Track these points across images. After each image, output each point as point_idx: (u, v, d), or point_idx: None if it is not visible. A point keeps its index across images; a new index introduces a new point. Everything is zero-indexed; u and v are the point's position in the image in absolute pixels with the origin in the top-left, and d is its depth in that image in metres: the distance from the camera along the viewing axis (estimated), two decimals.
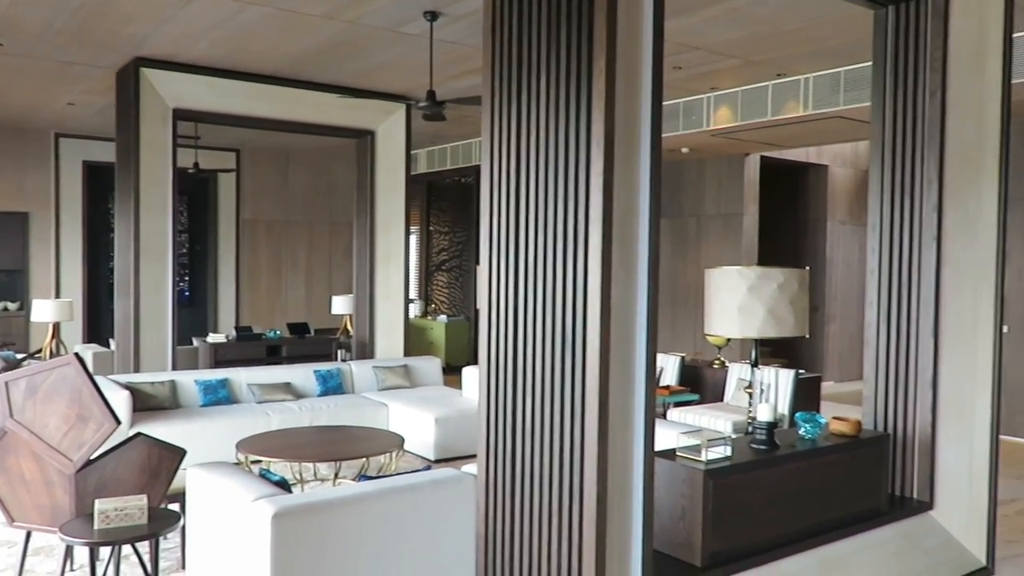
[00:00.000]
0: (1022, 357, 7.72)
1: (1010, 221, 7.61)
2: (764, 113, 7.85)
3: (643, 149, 2.89)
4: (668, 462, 3.37)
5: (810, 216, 11.19)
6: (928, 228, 4.14)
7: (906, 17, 4.22)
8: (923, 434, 4.16)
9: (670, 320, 10.98)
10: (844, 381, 10.79)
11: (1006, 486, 6.02)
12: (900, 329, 4.26)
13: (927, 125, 4.13)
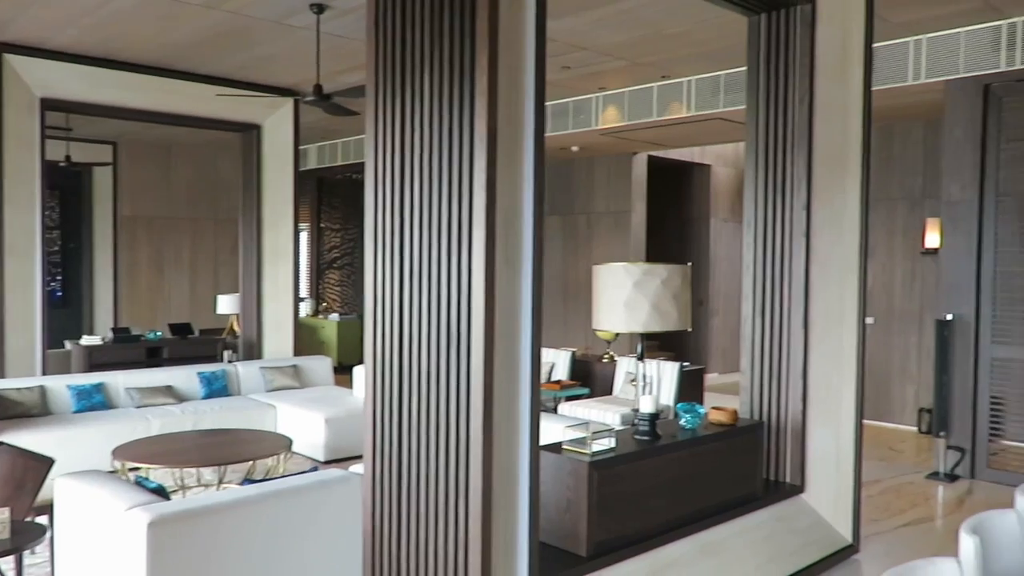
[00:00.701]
0: (885, 346, 8.23)
1: (873, 219, 8.13)
2: (650, 114, 8.08)
3: (527, 146, 2.92)
4: (554, 455, 3.42)
5: (695, 214, 11.58)
6: (798, 225, 4.36)
7: (777, 25, 4.42)
8: (795, 421, 4.38)
9: (562, 315, 11.15)
10: (727, 372, 11.23)
11: (870, 468, 6.41)
12: (774, 322, 4.48)
13: (797, 128, 4.35)
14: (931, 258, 7.78)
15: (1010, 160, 6.09)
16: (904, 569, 2.11)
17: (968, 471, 6.22)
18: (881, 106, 7.09)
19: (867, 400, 8.23)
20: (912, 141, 8.11)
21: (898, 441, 7.56)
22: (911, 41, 6.31)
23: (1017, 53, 5.83)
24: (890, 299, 8.23)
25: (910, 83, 6.36)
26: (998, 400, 6.18)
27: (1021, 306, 6.06)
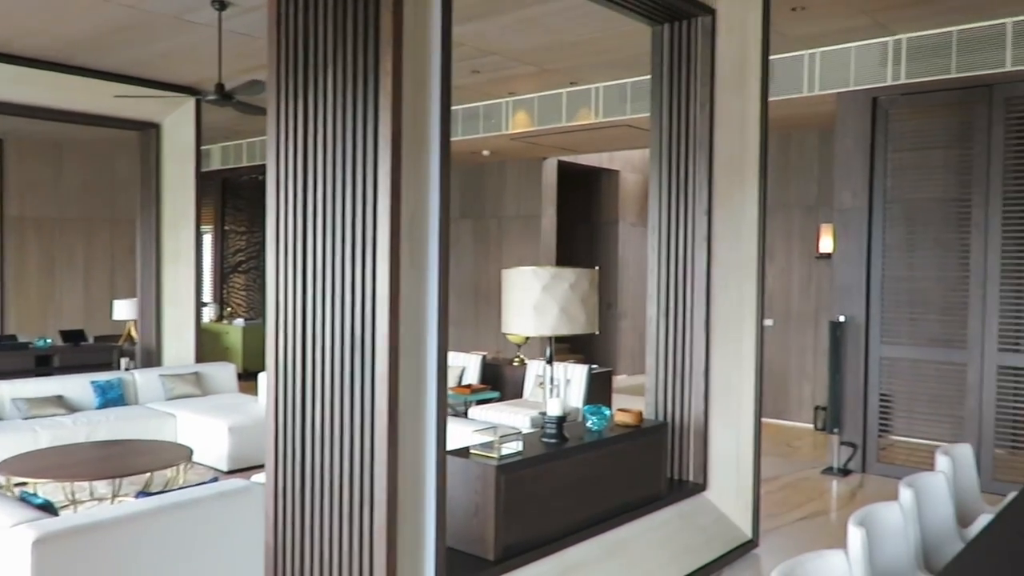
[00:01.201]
0: (784, 347, 8.55)
1: (772, 224, 8.42)
2: (559, 119, 8.17)
3: (432, 149, 2.91)
4: (462, 460, 3.42)
5: (604, 218, 11.77)
6: (700, 230, 4.48)
7: (680, 35, 4.54)
8: (698, 421, 4.50)
9: (473, 319, 11.15)
10: (636, 374, 11.45)
11: (769, 465, 6.64)
12: (677, 324, 4.59)
13: (698, 136, 4.48)
14: (825, 262, 8.12)
15: (896, 169, 6.42)
16: (795, 563, 2.19)
17: (860, 465, 6.52)
18: (779, 116, 7.37)
19: (767, 399, 8.54)
20: (808, 150, 8.45)
21: (796, 438, 7.86)
22: (806, 54, 6.58)
23: (902, 68, 6.16)
24: (788, 301, 8.55)
25: (805, 94, 6.63)
26: (887, 397, 6.50)
27: (907, 308, 6.39)
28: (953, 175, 6.19)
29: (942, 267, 6.24)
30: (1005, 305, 5.94)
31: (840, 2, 5.39)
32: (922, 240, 6.34)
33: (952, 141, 6.19)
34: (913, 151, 6.38)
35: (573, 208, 11.89)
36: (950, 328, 6.20)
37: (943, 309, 6.24)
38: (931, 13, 5.62)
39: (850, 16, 5.68)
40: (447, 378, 3.01)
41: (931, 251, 6.30)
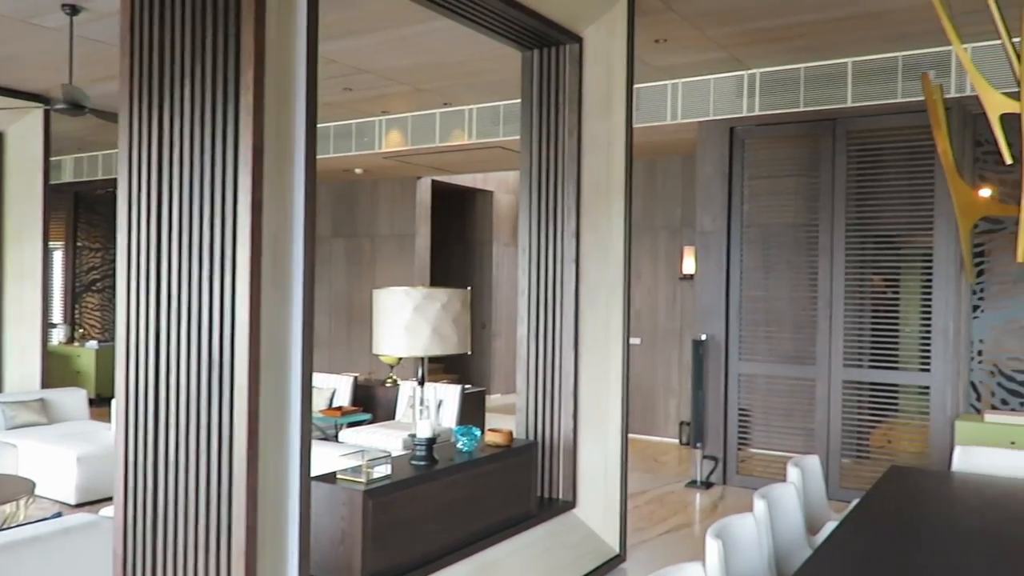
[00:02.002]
0: (650, 364, 8.84)
1: (639, 246, 8.71)
2: (433, 139, 8.18)
3: (297, 166, 2.84)
4: (328, 485, 3.33)
5: (478, 238, 11.85)
6: (569, 251, 4.58)
7: (549, 61, 4.65)
8: (567, 439, 4.57)
9: (346, 339, 10.94)
10: (510, 393, 11.54)
11: (637, 480, 6.83)
12: (547, 343, 4.66)
13: (567, 159, 4.59)
14: (689, 283, 8.47)
15: (752, 195, 6.79)
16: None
17: (721, 478, 6.80)
18: (645, 142, 7.66)
19: (635, 415, 8.80)
20: (672, 175, 8.82)
21: (663, 453, 8.12)
22: (669, 84, 6.87)
23: (756, 100, 6.53)
24: (655, 320, 8.85)
25: (669, 122, 6.92)
26: (745, 412, 6.82)
27: (763, 326, 6.75)
28: (803, 201, 6.60)
29: (794, 288, 6.63)
30: (848, 323, 6.37)
31: (699, 37, 5.67)
32: (776, 262, 6.72)
33: (802, 170, 6.61)
34: (767, 178, 6.77)
35: (448, 228, 11.91)
36: (801, 345, 6.58)
37: (795, 327, 6.62)
38: (781, 51, 6.00)
39: (708, 50, 5.99)
40: (312, 401, 2.93)
41: (784, 273, 6.68)
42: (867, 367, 6.36)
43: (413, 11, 4.86)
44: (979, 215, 3.15)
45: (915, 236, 6.23)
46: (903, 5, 4.99)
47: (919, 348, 6.17)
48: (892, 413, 6.41)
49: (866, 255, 6.35)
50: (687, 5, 5.05)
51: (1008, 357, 5.85)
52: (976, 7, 4.41)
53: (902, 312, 6.37)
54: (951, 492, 3.81)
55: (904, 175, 6.16)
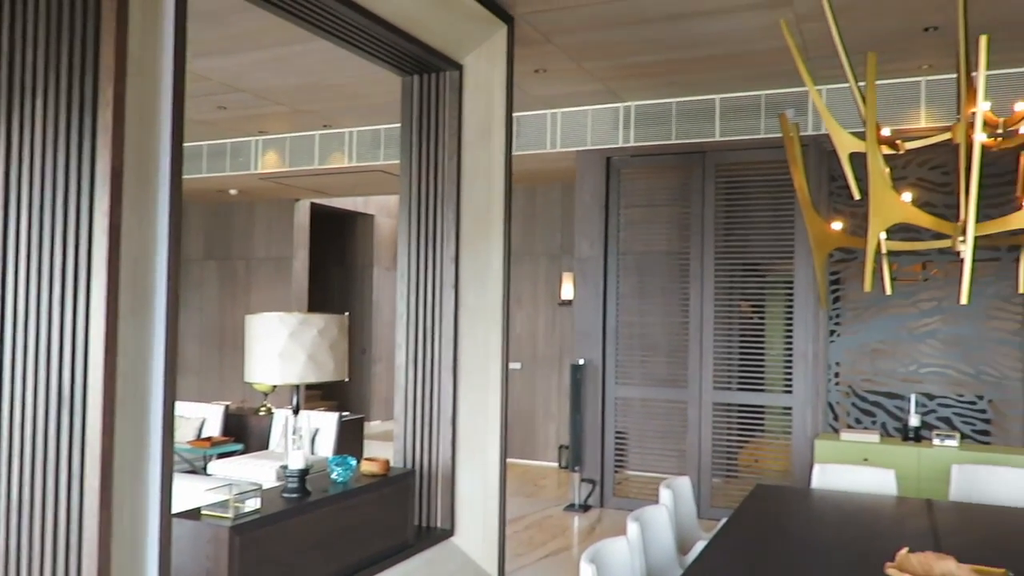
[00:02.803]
0: (530, 389, 8.92)
1: (520, 271, 8.80)
2: (312, 161, 8.03)
3: (161, 187, 2.71)
4: (192, 522, 3.16)
5: (358, 262, 11.68)
6: (448, 277, 4.57)
7: (429, 87, 4.66)
8: (445, 466, 4.53)
9: (217, 367, 10.51)
10: (390, 420, 11.37)
11: (516, 505, 6.85)
12: (426, 370, 4.62)
13: (446, 185, 4.59)
14: (567, 308, 8.62)
15: (628, 223, 7.00)
16: None
17: (599, 501, 6.90)
18: (526, 169, 7.78)
19: (515, 440, 8.84)
20: (552, 202, 8.98)
21: (542, 477, 8.18)
22: (548, 114, 7.02)
23: (632, 132, 6.76)
24: (535, 345, 8.95)
25: (548, 151, 7.06)
26: (622, 435, 6.97)
27: (638, 351, 6.94)
28: (675, 230, 6.85)
29: (667, 313, 6.85)
30: (718, 347, 6.64)
31: (577, 69, 5.82)
32: (651, 288, 6.93)
33: (674, 200, 6.87)
34: (642, 207, 7.00)
35: (327, 251, 11.69)
36: (674, 369, 6.80)
37: (668, 352, 6.84)
38: (654, 85, 6.24)
39: (586, 82, 6.16)
40: (175, 433, 2.78)
41: (658, 299, 6.90)
42: (735, 389, 6.63)
43: (290, 31, 4.78)
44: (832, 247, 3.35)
45: (778, 264, 6.58)
46: (764, 48, 5.30)
47: (783, 371, 6.49)
48: (758, 433, 6.70)
49: (734, 282, 6.66)
50: (565, 38, 5.18)
51: (861, 379, 6.24)
52: (829, 52, 4.74)
53: (767, 336, 6.70)
54: (811, 508, 4.01)
55: (768, 206, 6.51)
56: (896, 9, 4.63)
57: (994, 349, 5.90)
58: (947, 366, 6.01)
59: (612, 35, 5.12)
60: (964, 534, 3.52)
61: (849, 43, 3.80)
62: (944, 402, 6.02)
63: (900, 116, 5.97)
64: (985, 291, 5.90)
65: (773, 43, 5.16)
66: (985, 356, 5.92)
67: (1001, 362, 5.88)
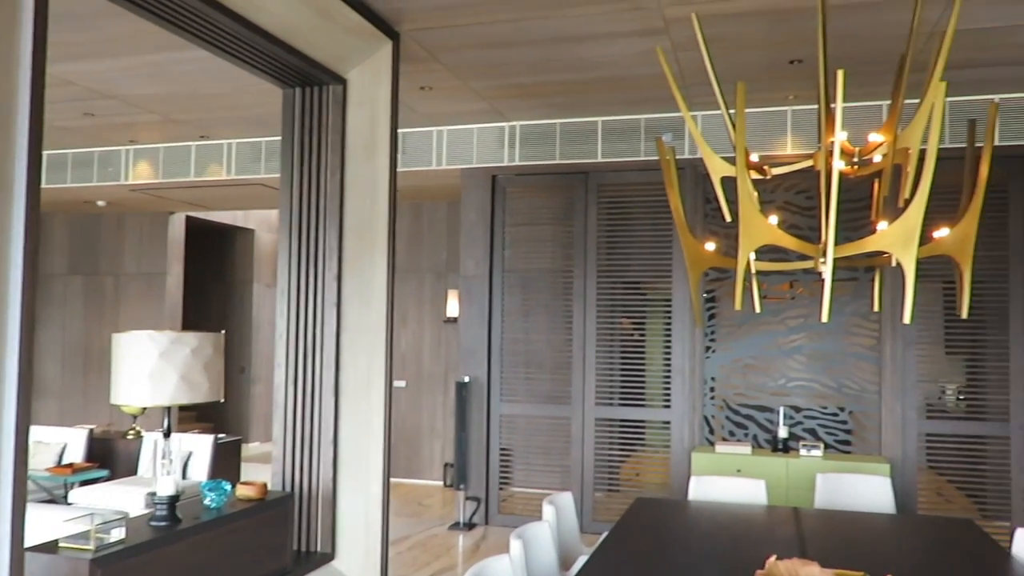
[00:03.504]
0: (415, 407, 8.84)
1: (405, 289, 8.73)
2: (188, 173, 7.72)
3: (17, 197, 2.53)
4: (48, 556, 2.95)
5: (238, 278, 11.29)
6: (330, 295, 4.48)
7: (311, 100, 4.57)
8: (325, 489, 4.42)
9: (81, 389, 9.91)
10: (269, 441, 11.00)
11: (401, 525, 6.76)
12: (306, 389, 4.50)
13: (329, 200, 4.51)
14: (453, 326, 8.61)
15: (513, 241, 7.07)
16: None
17: (484, 518, 6.89)
18: (412, 186, 7.75)
19: (400, 459, 8.73)
20: (438, 219, 8.97)
21: (427, 496, 8.10)
22: (434, 131, 7.02)
23: (516, 151, 6.84)
24: (420, 363, 8.89)
25: (434, 168, 7.05)
26: (507, 452, 7.00)
27: (523, 368, 6.99)
28: (559, 248, 6.97)
29: (551, 331, 6.95)
30: (600, 364, 6.77)
31: (462, 87, 5.85)
32: (535, 306, 7.01)
33: (558, 218, 6.99)
34: (527, 225, 7.08)
35: (204, 267, 11.25)
36: (558, 386, 6.90)
37: (552, 369, 6.93)
38: (538, 106, 6.35)
39: (471, 100, 6.19)
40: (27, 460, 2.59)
41: (542, 316, 6.99)
42: (617, 405, 6.78)
43: (165, 38, 4.60)
44: (706, 266, 3.49)
45: (658, 283, 6.79)
46: (644, 73, 5.48)
47: (662, 386, 6.69)
48: (639, 447, 6.87)
49: (616, 300, 6.82)
50: (451, 56, 5.20)
51: (734, 393, 6.51)
52: (704, 80, 4.95)
53: (647, 353, 6.89)
54: (687, 520, 4.13)
55: (647, 227, 6.72)
56: (764, 42, 4.90)
57: (854, 364, 6.28)
58: (812, 380, 6.35)
59: (497, 55, 5.18)
60: (827, 540, 3.71)
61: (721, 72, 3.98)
62: (810, 414, 6.35)
63: (769, 143, 6.30)
64: (845, 309, 6.28)
65: (652, 69, 5.35)
66: (846, 370, 6.29)
67: (860, 376, 6.26)
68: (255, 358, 11.10)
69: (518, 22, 4.61)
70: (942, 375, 6.26)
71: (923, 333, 6.16)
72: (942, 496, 6.14)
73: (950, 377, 6.31)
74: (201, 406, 10.12)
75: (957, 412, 6.26)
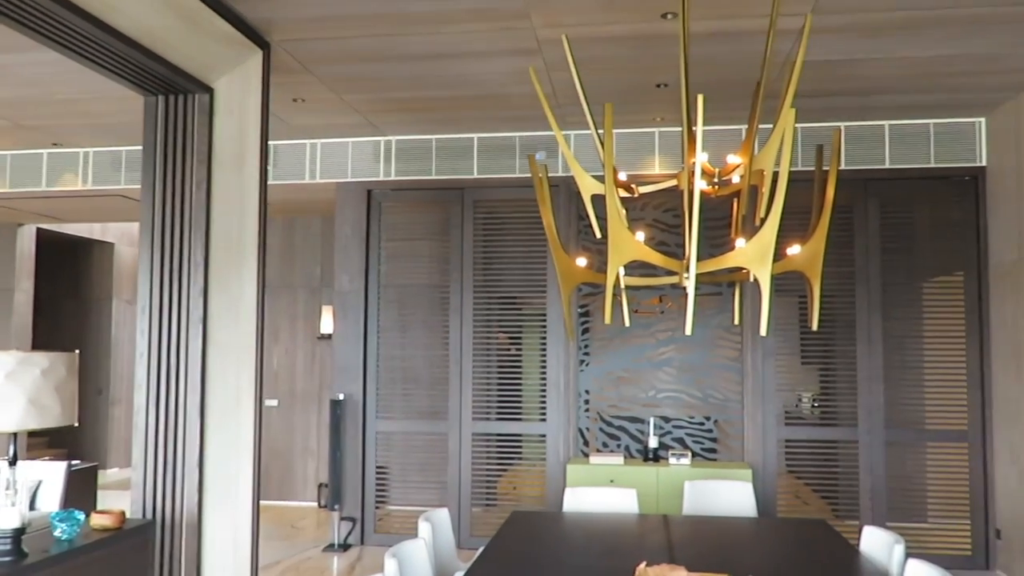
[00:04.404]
0: (289, 427, 8.59)
1: (277, 305, 8.51)
2: (39, 183, 7.24)
3: None
4: None
5: (95, 294, 10.65)
6: (195, 311, 4.30)
7: (176, 109, 4.39)
8: (190, 514, 4.22)
9: None
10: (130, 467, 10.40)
11: (272, 549, 6.54)
12: (169, 411, 4.29)
13: (194, 213, 4.34)
14: (327, 342, 8.43)
15: (389, 256, 7.01)
16: None
17: (359, 539, 6.76)
18: (284, 199, 7.56)
19: (272, 480, 8.46)
20: (312, 234, 8.78)
21: (301, 518, 7.87)
22: (308, 144, 6.88)
23: (392, 166, 6.80)
24: (293, 381, 8.65)
25: (308, 181, 6.91)
26: (383, 470, 6.90)
27: (400, 384, 6.92)
28: (436, 264, 6.96)
29: (429, 346, 6.92)
30: (477, 379, 6.80)
31: (336, 100, 5.77)
32: (412, 322, 6.97)
33: (435, 234, 6.98)
34: (403, 241, 7.04)
35: (57, 282, 10.55)
36: (435, 401, 6.87)
37: (430, 384, 6.89)
38: (414, 121, 6.34)
39: (346, 114, 6.12)
40: None
41: (420, 332, 6.95)
42: (494, 419, 6.82)
43: (11, 37, 4.31)
44: (577, 281, 3.57)
45: (533, 298, 6.89)
46: (518, 92, 5.58)
47: (539, 400, 6.78)
48: (516, 461, 6.92)
49: (492, 315, 6.87)
50: (324, 69, 5.12)
51: (608, 405, 6.67)
52: (576, 100, 5.09)
53: (524, 367, 6.97)
54: (561, 531, 4.19)
55: (523, 242, 6.81)
56: (633, 66, 5.08)
57: (719, 374, 6.57)
58: (680, 391, 6.60)
59: (372, 69, 5.14)
60: (694, 545, 3.86)
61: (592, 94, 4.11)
62: (678, 424, 6.59)
63: (638, 163, 6.53)
64: (710, 323, 6.57)
65: (527, 88, 5.45)
66: (712, 381, 6.57)
67: (724, 386, 6.55)
68: (114, 379, 10.48)
69: (393, 37, 4.59)
70: (799, 384, 6.64)
71: (781, 345, 6.53)
72: (799, 499, 6.50)
73: (806, 385, 6.70)
74: (53, 431, 9.48)
75: (812, 419, 6.65)
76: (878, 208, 6.41)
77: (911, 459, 6.36)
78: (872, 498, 6.28)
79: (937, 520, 6.29)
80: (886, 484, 6.28)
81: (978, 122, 6.23)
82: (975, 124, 6.24)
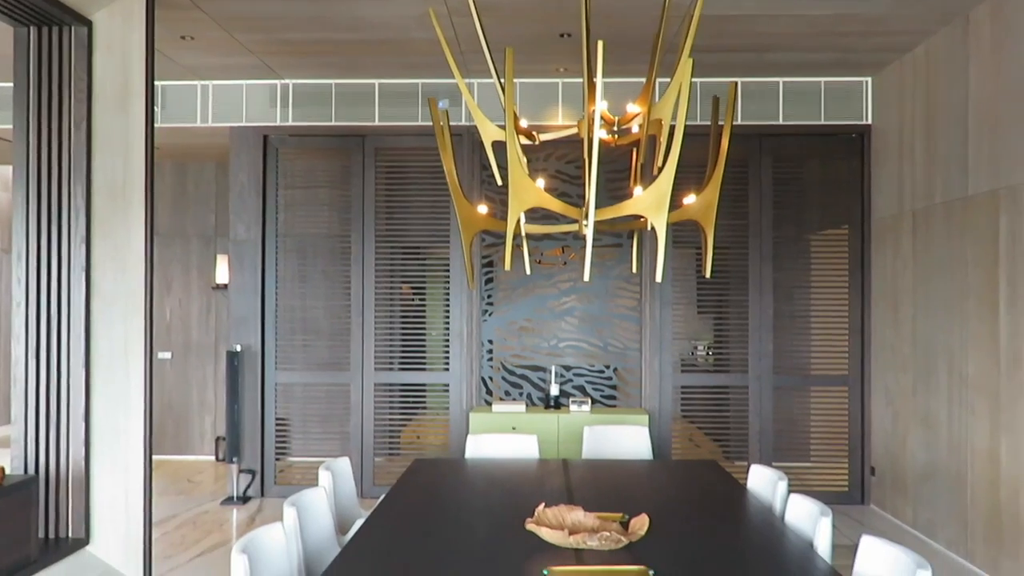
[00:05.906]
0: (184, 380, 8.34)
1: (169, 255, 8.19)
2: None
3: None
4: None
5: None
6: (77, 260, 4.09)
7: (51, 42, 4.10)
8: (77, 470, 4.06)
9: None
10: (6, 424, 9.91)
11: (167, 504, 6.38)
12: (51, 364, 4.10)
13: (74, 155, 4.09)
14: (223, 293, 8.18)
15: (287, 205, 6.81)
16: None
17: (259, 491, 6.67)
18: (174, 143, 7.21)
19: (167, 435, 8.22)
20: (205, 181, 8.43)
21: (198, 472, 7.69)
22: (199, 85, 6.57)
23: (290, 111, 6.57)
24: (187, 333, 8.37)
25: (199, 125, 6.61)
26: (283, 421, 6.79)
27: (300, 335, 6.80)
28: (337, 213, 6.81)
29: (329, 296, 6.80)
30: (379, 329, 6.74)
31: (228, 40, 5.51)
32: (312, 272, 6.82)
33: (335, 182, 6.82)
34: (303, 189, 6.85)
35: None
36: (337, 352, 6.78)
37: (331, 335, 6.80)
38: (313, 65, 6.13)
39: (239, 54, 5.85)
40: None
41: (320, 282, 6.82)
42: (397, 369, 6.80)
43: None
44: (478, 229, 3.55)
45: (437, 248, 6.85)
46: (421, 37, 5.45)
47: (442, 350, 6.78)
48: (420, 411, 6.94)
49: (395, 265, 6.80)
50: (214, 5, 4.87)
51: (511, 355, 6.74)
52: (478, 48, 5.01)
53: (428, 317, 6.95)
54: (463, 477, 4.24)
55: (427, 192, 6.74)
56: (536, 15, 5.04)
57: (618, 324, 6.72)
58: (581, 340, 6.73)
59: (265, 7, 4.92)
60: (592, 487, 3.97)
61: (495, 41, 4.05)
62: (579, 372, 6.73)
63: (541, 113, 6.52)
64: (611, 273, 6.69)
65: (429, 34, 5.33)
66: (611, 330, 6.72)
67: (623, 335, 6.72)
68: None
69: None
70: (695, 333, 6.87)
71: (678, 295, 6.72)
72: (692, 442, 6.78)
73: (701, 335, 6.94)
74: None
75: (706, 366, 6.91)
76: (771, 163, 6.63)
77: (796, 403, 6.71)
78: (760, 440, 6.60)
79: (818, 459, 6.69)
80: (773, 427, 6.61)
81: (865, 81, 6.49)
82: (863, 83, 6.50)
